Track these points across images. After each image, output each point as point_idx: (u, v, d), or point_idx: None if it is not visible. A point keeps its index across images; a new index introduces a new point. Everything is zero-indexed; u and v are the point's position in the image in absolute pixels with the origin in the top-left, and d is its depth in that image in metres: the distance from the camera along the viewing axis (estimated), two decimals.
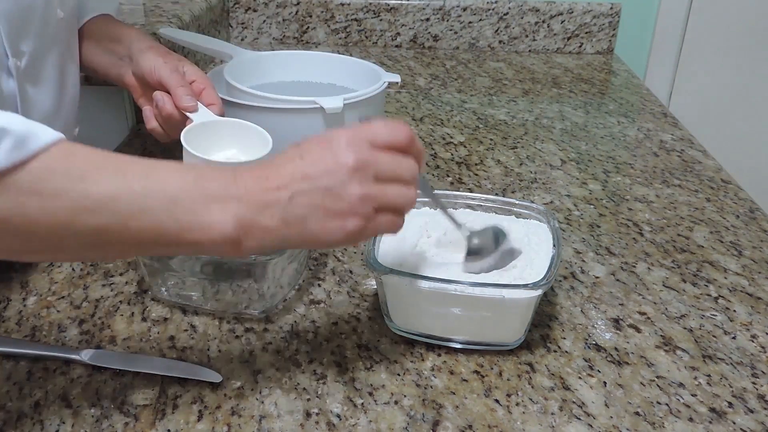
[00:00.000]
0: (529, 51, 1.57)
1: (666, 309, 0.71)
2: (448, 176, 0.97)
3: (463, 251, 0.64)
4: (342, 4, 1.53)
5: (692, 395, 0.60)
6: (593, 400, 0.59)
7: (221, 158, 0.69)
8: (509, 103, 1.26)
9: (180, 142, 0.67)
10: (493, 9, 1.53)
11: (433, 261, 0.66)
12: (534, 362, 0.63)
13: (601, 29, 1.55)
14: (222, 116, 0.76)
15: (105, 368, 0.60)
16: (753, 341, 0.66)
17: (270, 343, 0.64)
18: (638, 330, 0.67)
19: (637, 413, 0.58)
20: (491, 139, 1.10)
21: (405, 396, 0.59)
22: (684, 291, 0.74)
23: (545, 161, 1.03)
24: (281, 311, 0.69)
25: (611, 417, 0.57)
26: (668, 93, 1.59)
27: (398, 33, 1.56)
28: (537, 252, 0.66)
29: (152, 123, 0.79)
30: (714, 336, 0.67)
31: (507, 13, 1.53)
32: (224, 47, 1.00)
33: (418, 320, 0.64)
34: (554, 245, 0.65)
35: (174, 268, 0.68)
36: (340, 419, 0.56)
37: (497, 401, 0.58)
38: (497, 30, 1.55)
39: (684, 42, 1.55)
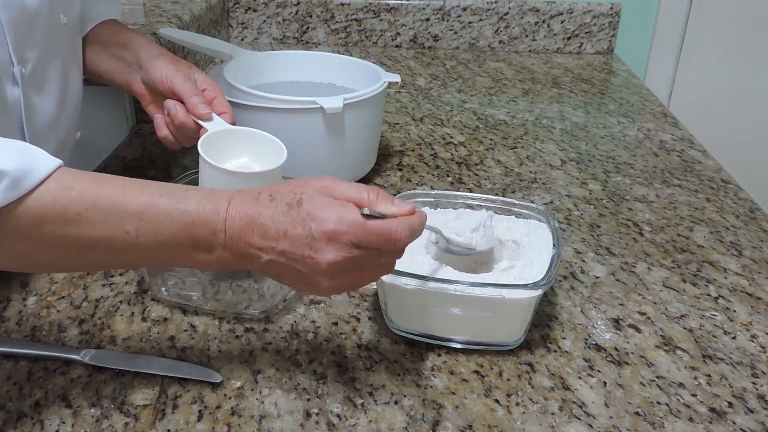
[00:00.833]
0: (529, 51, 1.57)
1: (666, 309, 0.71)
2: (448, 176, 0.97)
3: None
4: (342, 4, 1.53)
5: (692, 395, 0.60)
6: (593, 400, 0.59)
7: (234, 167, 0.69)
8: (509, 103, 1.26)
9: (191, 149, 0.67)
10: (493, 9, 1.53)
11: (433, 261, 0.66)
12: (534, 362, 0.63)
13: (601, 29, 1.55)
14: (233, 124, 0.76)
15: (105, 368, 0.60)
16: (753, 341, 0.66)
17: (270, 343, 0.64)
18: (638, 330, 0.67)
19: (637, 413, 0.58)
20: (491, 139, 1.10)
21: (405, 396, 0.59)
22: (684, 291, 0.74)
23: (545, 161, 1.03)
24: (281, 311, 0.69)
25: (611, 417, 0.57)
26: (668, 93, 1.59)
27: (398, 33, 1.56)
28: (537, 252, 0.66)
29: (164, 131, 0.79)
30: (714, 336, 0.67)
31: (507, 13, 1.53)
32: (224, 47, 1.00)
33: (418, 320, 0.64)
34: (554, 245, 0.65)
35: (174, 268, 0.68)
36: (340, 419, 0.56)
37: (497, 401, 0.58)
38: (497, 30, 1.55)
39: (684, 42, 1.55)
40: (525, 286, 0.60)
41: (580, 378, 0.61)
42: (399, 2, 1.53)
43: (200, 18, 1.31)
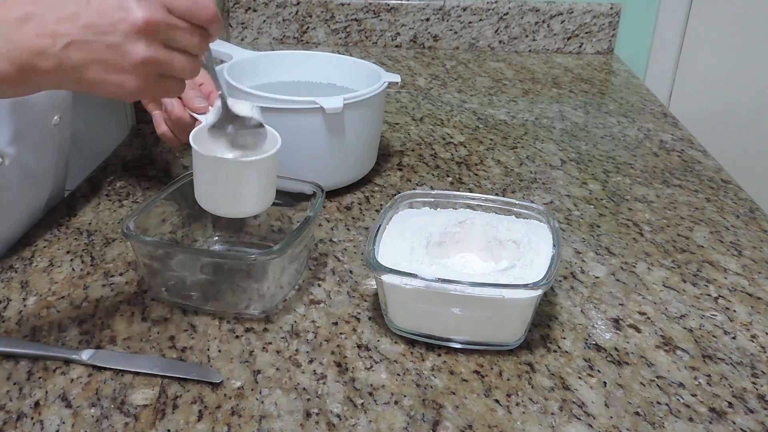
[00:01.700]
0: (529, 51, 1.57)
1: (666, 309, 0.71)
2: (448, 176, 0.97)
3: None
4: (342, 4, 1.53)
5: (692, 395, 0.60)
6: (593, 400, 0.59)
7: (230, 157, 0.68)
8: (509, 103, 1.26)
9: (190, 148, 0.67)
10: (493, 9, 1.53)
11: (433, 261, 0.66)
12: (534, 362, 0.63)
13: (601, 29, 1.55)
14: None
15: (105, 368, 0.60)
16: (753, 341, 0.66)
17: (270, 343, 0.64)
18: (638, 330, 0.67)
19: (637, 413, 0.58)
20: (491, 139, 1.10)
21: (405, 396, 0.59)
22: (684, 291, 0.74)
23: (545, 161, 1.03)
24: (281, 311, 0.69)
25: (611, 417, 0.57)
26: (668, 93, 1.59)
27: (398, 33, 1.56)
28: (537, 252, 0.66)
29: (162, 127, 0.79)
30: (714, 336, 0.67)
31: (507, 13, 1.53)
32: (224, 47, 1.00)
33: (418, 320, 0.64)
34: (554, 245, 0.65)
35: (174, 268, 0.68)
36: (340, 419, 0.56)
37: (497, 401, 0.58)
38: (497, 30, 1.55)
39: (684, 42, 1.55)
40: (525, 286, 0.60)
41: (580, 378, 0.61)
42: (399, 2, 1.53)
43: None
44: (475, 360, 0.63)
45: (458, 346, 0.64)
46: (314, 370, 0.61)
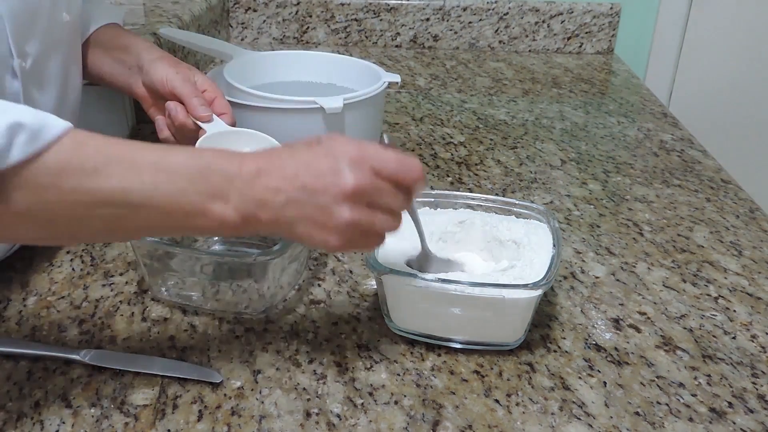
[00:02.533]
0: (529, 51, 1.57)
1: (666, 309, 0.71)
2: (448, 176, 0.97)
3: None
4: (342, 4, 1.53)
5: (692, 395, 0.60)
6: (593, 400, 0.59)
7: None
8: (509, 103, 1.26)
9: None
10: (493, 9, 1.53)
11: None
12: (534, 362, 0.63)
13: (601, 29, 1.55)
14: (233, 125, 0.76)
15: (105, 368, 0.60)
16: (753, 341, 0.66)
17: (270, 343, 0.64)
18: (638, 330, 0.67)
19: (637, 413, 0.58)
20: (491, 139, 1.10)
21: (405, 396, 0.59)
22: (684, 291, 0.74)
23: (545, 161, 1.03)
24: (281, 311, 0.69)
25: (611, 417, 0.57)
26: (668, 93, 1.59)
27: (398, 33, 1.56)
28: (537, 252, 0.66)
29: (165, 133, 0.79)
30: (714, 336, 0.67)
31: (507, 13, 1.53)
32: (224, 47, 1.00)
33: (418, 320, 0.64)
34: (554, 245, 0.65)
35: (174, 268, 0.68)
36: (340, 419, 0.56)
37: (497, 401, 0.58)
38: (497, 30, 1.55)
39: (684, 42, 1.55)
40: (525, 286, 0.60)
41: (580, 378, 0.61)
42: (399, 2, 1.53)
43: (200, 18, 1.31)
44: (475, 360, 0.63)
45: (458, 346, 0.64)
46: (314, 370, 0.61)
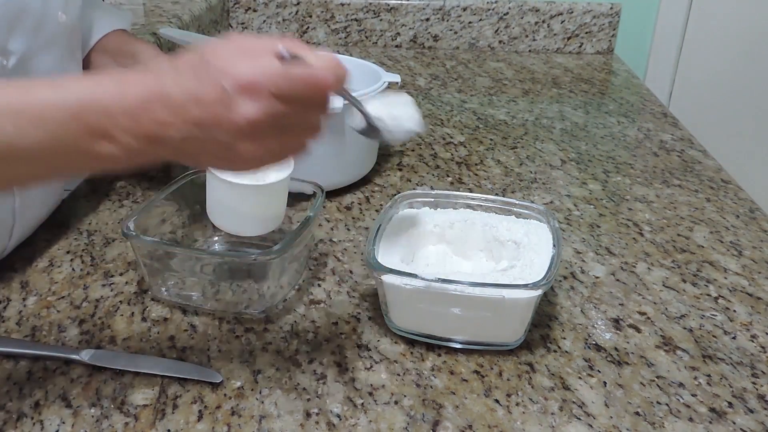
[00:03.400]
0: (529, 51, 1.57)
1: (666, 309, 0.71)
2: (448, 176, 0.97)
3: None
4: (342, 4, 1.53)
5: (692, 395, 0.60)
6: (593, 400, 0.59)
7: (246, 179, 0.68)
8: (509, 103, 1.26)
9: None
10: (493, 9, 1.53)
11: (434, 261, 0.66)
12: (534, 362, 0.63)
13: (601, 29, 1.55)
14: None
15: (105, 368, 0.60)
16: (753, 341, 0.66)
17: (270, 343, 0.64)
18: (638, 330, 0.67)
19: (637, 413, 0.58)
20: (491, 139, 1.10)
21: (405, 396, 0.59)
22: (684, 291, 0.74)
23: (545, 161, 1.03)
24: (281, 311, 0.69)
25: (611, 417, 0.57)
26: (668, 93, 1.59)
27: (398, 33, 1.56)
28: (537, 252, 0.66)
29: None
30: (714, 336, 0.67)
31: (507, 13, 1.53)
32: None
33: (418, 320, 0.64)
34: (554, 245, 0.65)
35: (174, 268, 0.68)
36: (340, 419, 0.56)
37: (497, 401, 0.58)
38: (497, 30, 1.55)
39: (684, 42, 1.55)
40: (525, 286, 0.60)
41: (580, 378, 0.61)
42: (399, 2, 1.53)
43: (200, 18, 1.31)
44: (475, 360, 0.63)
45: (458, 346, 0.64)
46: (314, 370, 0.61)
